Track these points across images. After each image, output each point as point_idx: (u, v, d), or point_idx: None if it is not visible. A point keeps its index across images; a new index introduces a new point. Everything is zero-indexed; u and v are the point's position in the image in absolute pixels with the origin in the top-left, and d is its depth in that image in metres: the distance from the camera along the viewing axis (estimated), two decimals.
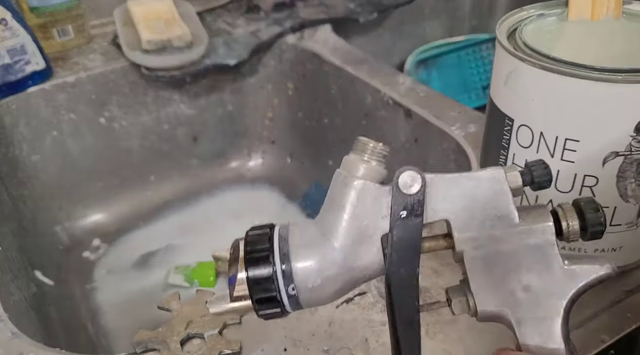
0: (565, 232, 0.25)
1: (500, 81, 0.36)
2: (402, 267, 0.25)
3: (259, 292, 0.25)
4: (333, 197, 0.26)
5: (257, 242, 0.26)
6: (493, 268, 0.25)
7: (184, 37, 0.71)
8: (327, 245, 0.25)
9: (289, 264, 0.25)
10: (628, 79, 0.31)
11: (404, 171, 0.25)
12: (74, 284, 0.68)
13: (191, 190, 0.81)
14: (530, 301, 0.24)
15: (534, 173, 0.26)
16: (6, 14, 0.63)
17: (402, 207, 0.25)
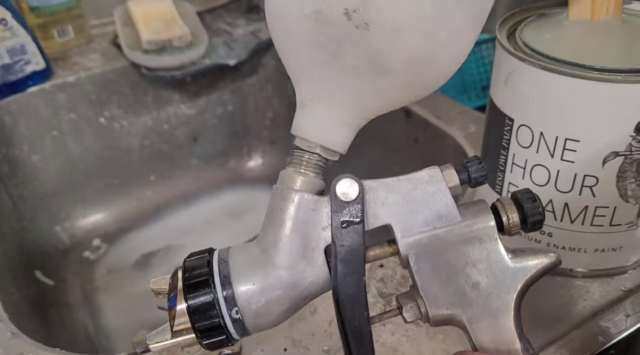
0: (506, 226, 0.25)
1: (500, 81, 0.36)
2: (348, 276, 0.24)
3: (201, 320, 0.23)
4: (272, 212, 0.25)
5: (195, 267, 0.24)
6: (440, 269, 0.25)
7: (184, 37, 0.71)
8: (270, 263, 0.24)
9: (230, 287, 0.24)
10: (628, 79, 0.31)
11: (340, 179, 0.24)
12: (74, 284, 0.68)
13: (191, 190, 0.81)
14: (480, 298, 0.24)
15: (469, 169, 0.26)
16: (6, 14, 0.63)
17: (341, 215, 0.24)
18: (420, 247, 0.25)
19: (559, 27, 0.38)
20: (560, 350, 0.34)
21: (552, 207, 0.37)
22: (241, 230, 0.73)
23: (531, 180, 0.37)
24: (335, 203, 0.24)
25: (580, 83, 0.32)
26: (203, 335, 0.24)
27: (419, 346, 0.35)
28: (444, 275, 0.25)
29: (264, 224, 0.26)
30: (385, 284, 0.40)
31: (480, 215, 0.25)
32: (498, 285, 0.25)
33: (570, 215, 0.36)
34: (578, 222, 0.36)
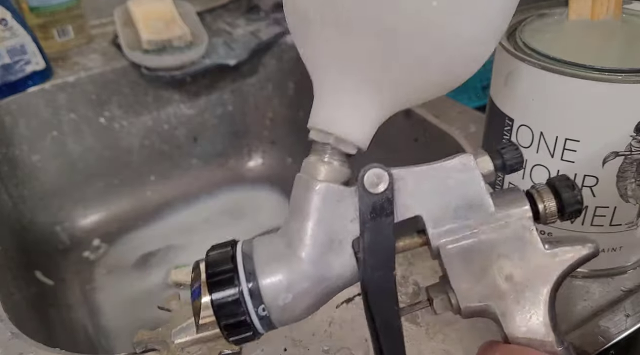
0: (542, 215, 0.24)
1: (500, 81, 0.36)
2: (378, 270, 0.23)
3: (227, 318, 0.23)
4: (296, 204, 0.24)
5: (218, 262, 0.24)
6: (472, 261, 0.24)
7: (184, 37, 0.71)
8: (295, 257, 0.23)
9: (256, 283, 0.23)
10: (628, 79, 0.31)
11: (368, 169, 0.23)
12: (74, 284, 0.68)
13: (191, 190, 0.81)
14: (514, 291, 0.24)
15: (505, 156, 0.25)
16: (6, 14, 0.63)
17: (370, 207, 0.23)
18: (451, 239, 0.24)
19: (559, 27, 0.38)
20: None
21: None
22: (241, 230, 0.73)
23: (531, 180, 0.37)
24: (363, 194, 0.23)
25: (580, 83, 0.32)
26: (229, 331, 0.23)
27: (419, 346, 0.35)
28: (477, 267, 0.24)
29: (288, 215, 0.24)
30: None
31: (515, 204, 0.24)
32: (533, 277, 0.24)
33: None
34: (578, 222, 0.36)
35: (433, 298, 0.25)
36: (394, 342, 0.24)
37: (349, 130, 0.24)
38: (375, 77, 0.23)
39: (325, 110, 0.24)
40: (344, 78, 0.24)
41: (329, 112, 0.24)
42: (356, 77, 0.23)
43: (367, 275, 0.23)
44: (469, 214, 0.24)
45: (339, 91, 0.24)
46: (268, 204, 0.80)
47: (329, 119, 0.24)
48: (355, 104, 0.24)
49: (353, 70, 0.23)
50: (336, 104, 0.24)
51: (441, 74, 0.24)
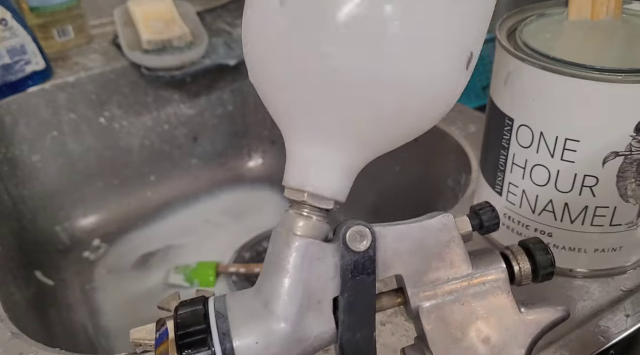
0: (517, 276, 0.25)
1: (500, 81, 0.36)
2: (358, 331, 0.22)
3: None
4: (273, 259, 0.23)
5: (190, 323, 0.22)
6: (451, 322, 0.24)
7: (184, 37, 0.71)
8: (271, 317, 0.22)
9: (230, 346, 0.21)
10: (628, 79, 0.31)
11: (351, 226, 0.22)
12: (74, 284, 0.68)
13: (191, 190, 0.81)
14: (491, 353, 0.24)
15: (482, 217, 0.25)
16: (6, 14, 0.63)
17: (352, 265, 0.22)
18: (430, 300, 0.24)
19: (559, 27, 0.38)
20: (561, 350, 0.34)
21: (552, 207, 0.37)
22: (241, 230, 0.73)
23: (531, 180, 0.37)
24: (345, 252, 0.22)
25: (580, 83, 0.32)
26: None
27: None
28: (455, 328, 0.24)
29: (264, 271, 0.23)
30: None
31: (492, 266, 0.24)
32: (509, 340, 0.24)
33: (570, 215, 0.36)
34: (578, 222, 0.36)
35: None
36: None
37: (323, 186, 0.23)
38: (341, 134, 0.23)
39: (296, 167, 0.24)
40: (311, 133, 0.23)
41: (300, 169, 0.23)
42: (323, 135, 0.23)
43: (346, 337, 0.22)
44: (448, 274, 0.24)
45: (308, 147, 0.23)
46: (268, 204, 0.80)
47: (301, 177, 0.23)
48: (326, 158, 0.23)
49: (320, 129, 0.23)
50: (307, 161, 0.23)
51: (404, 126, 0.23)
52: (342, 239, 0.22)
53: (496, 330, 0.24)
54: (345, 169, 0.24)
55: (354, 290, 0.22)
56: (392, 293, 0.25)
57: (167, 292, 0.43)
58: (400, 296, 0.24)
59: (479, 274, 0.24)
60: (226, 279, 0.68)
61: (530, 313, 0.24)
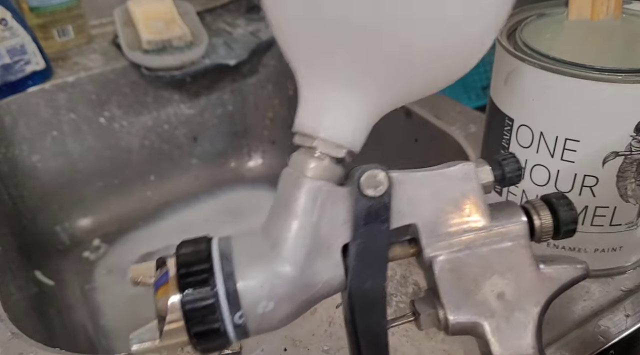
0: (537, 231, 0.23)
1: (500, 81, 0.36)
2: (368, 280, 0.21)
3: (199, 324, 0.20)
4: (282, 200, 0.22)
5: (193, 262, 0.21)
6: (465, 275, 0.23)
7: (184, 37, 0.71)
8: (279, 260, 0.21)
9: (234, 287, 0.20)
10: (628, 79, 0.31)
11: (366, 170, 0.21)
12: (74, 284, 0.68)
13: (191, 190, 0.81)
14: (505, 309, 0.23)
15: (505, 168, 0.24)
16: (6, 14, 0.63)
17: (365, 212, 0.21)
18: (445, 252, 0.23)
19: (559, 27, 0.38)
20: (561, 350, 0.34)
21: None
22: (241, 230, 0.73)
23: (531, 180, 0.37)
24: (358, 197, 0.21)
25: (580, 83, 0.32)
26: (199, 339, 0.21)
27: (419, 346, 0.35)
28: (469, 283, 0.23)
29: (272, 212, 0.22)
30: None
31: (512, 219, 0.23)
32: (524, 296, 0.23)
33: None
34: (578, 222, 0.36)
35: (420, 313, 0.24)
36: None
37: (338, 133, 0.22)
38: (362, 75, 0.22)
39: (310, 112, 0.22)
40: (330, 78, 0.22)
41: (314, 113, 0.22)
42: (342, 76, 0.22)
43: (355, 285, 0.21)
44: (465, 225, 0.23)
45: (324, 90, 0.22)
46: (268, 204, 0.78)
47: (315, 122, 0.22)
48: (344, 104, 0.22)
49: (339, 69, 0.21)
50: (322, 105, 0.22)
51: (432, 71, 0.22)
52: (357, 183, 0.21)
53: (512, 285, 0.23)
54: (362, 116, 0.22)
55: (366, 237, 0.21)
56: (406, 243, 0.23)
57: None
58: (414, 246, 0.23)
59: (498, 226, 0.23)
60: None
61: (548, 270, 0.23)
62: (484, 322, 0.23)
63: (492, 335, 0.23)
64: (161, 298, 0.21)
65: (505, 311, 0.23)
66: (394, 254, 0.23)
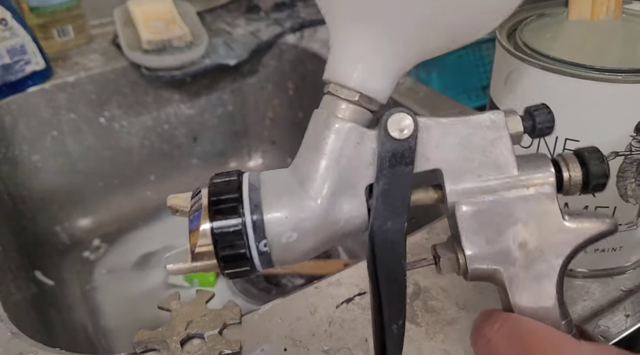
0: (566, 184, 0.23)
1: (500, 81, 0.36)
2: (389, 220, 0.22)
3: (226, 249, 0.22)
4: (311, 140, 0.23)
5: (223, 190, 0.22)
6: (487, 223, 0.23)
7: (184, 37, 0.71)
8: (305, 195, 0.22)
9: (260, 217, 0.22)
10: (628, 79, 0.31)
11: (393, 113, 0.22)
12: (74, 284, 0.68)
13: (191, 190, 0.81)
14: (526, 259, 0.23)
15: (536, 119, 0.24)
16: (6, 14, 0.63)
17: (390, 154, 0.22)
18: (469, 198, 0.23)
19: (559, 27, 0.38)
20: None
21: None
22: None
23: None
24: (384, 139, 0.22)
25: (580, 83, 0.32)
26: (226, 263, 0.22)
27: (419, 346, 0.35)
28: (491, 230, 0.23)
29: (302, 150, 0.23)
30: None
31: (540, 169, 0.23)
32: (547, 247, 0.23)
33: None
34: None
35: (440, 256, 0.24)
36: (396, 298, 0.23)
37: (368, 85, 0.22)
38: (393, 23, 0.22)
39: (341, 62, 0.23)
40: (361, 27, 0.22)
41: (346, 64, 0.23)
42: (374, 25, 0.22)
43: (376, 225, 0.22)
44: (490, 173, 0.23)
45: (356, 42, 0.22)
46: None
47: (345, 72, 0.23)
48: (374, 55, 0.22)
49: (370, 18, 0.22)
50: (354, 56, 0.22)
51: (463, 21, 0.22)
52: (383, 125, 0.22)
53: (535, 236, 0.23)
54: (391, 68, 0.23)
55: (390, 178, 0.22)
56: (430, 188, 0.24)
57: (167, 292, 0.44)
58: (438, 192, 0.23)
59: (525, 177, 0.23)
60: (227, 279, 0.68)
61: (574, 222, 0.23)
62: (503, 270, 0.23)
63: (511, 284, 0.23)
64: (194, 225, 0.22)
65: (526, 261, 0.23)
66: (417, 198, 0.23)
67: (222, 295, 0.64)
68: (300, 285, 0.65)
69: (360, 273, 0.40)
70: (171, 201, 0.24)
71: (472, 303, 0.37)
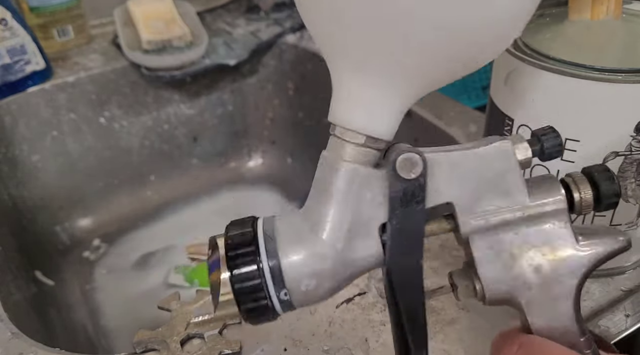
0: (577, 205, 0.23)
1: (500, 81, 0.36)
2: (404, 258, 0.22)
3: (247, 302, 0.22)
4: (319, 184, 0.23)
5: (240, 244, 0.23)
6: (502, 251, 0.23)
7: (184, 37, 0.71)
8: (319, 241, 0.22)
9: (278, 268, 0.22)
10: (628, 79, 0.31)
11: (401, 153, 0.22)
12: (74, 284, 0.68)
13: (191, 190, 0.81)
14: (542, 283, 0.23)
15: (544, 144, 0.24)
16: (6, 14, 0.63)
17: (401, 194, 0.22)
18: (482, 228, 0.23)
19: (559, 27, 0.38)
20: None
21: None
22: None
23: None
24: (394, 180, 0.22)
25: (580, 83, 0.32)
26: (249, 314, 0.23)
27: None
28: (506, 257, 0.23)
29: (311, 195, 0.23)
30: None
31: (550, 194, 0.23)
32: (562, 269, 0.23)
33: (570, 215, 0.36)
34: (578, 222, 0.36)
35: (457, 285, 0.24)
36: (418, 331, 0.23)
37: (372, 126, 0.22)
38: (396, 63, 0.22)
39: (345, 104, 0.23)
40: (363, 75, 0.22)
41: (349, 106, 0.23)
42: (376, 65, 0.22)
43: (393, 262, 0.22)
44: (502, 202, 0.23)
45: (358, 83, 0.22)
46: (268, 204, 0.80)
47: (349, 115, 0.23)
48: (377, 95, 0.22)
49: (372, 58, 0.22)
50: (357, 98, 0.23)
51: (465, 55, 0.23)
52: (392, 166, 0.22)
53: (549, 260, 0.23)
54: (395, 106, 0.23)
55: (403, 218, 0.22)
56: (442, 219, 0.24)
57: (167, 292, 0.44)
58: (451, 223, 0.24)
59: (536, 203, 0.23)
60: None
61: (587, 244, 0.23)
62: (520, 294, 0.23)
63: (528, 306, 0.23)
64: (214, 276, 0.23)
65: (542, 284, 0.23)
66: (431, 230, 0.24)
67: None
68: None
69: None
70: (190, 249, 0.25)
71: (472, 303, 0.37)
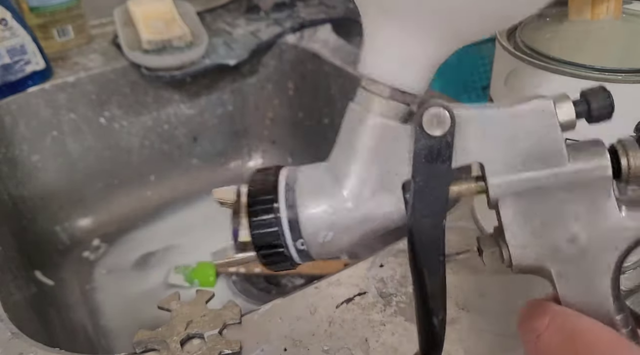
0: (624, 173, 0.21)
1: (500, 81, 0.36)
2: (427, 217, 0.21)
3: (265, 248, 0.22)
4: (345, 137, 0.22)
5: (260, 191, 0.22)
6: (534, 216, 0.21)
7: (184, 37, 0.71)
8: (340, 193, 0.22)
9: (296, 218, 0.22)
10: (628, 79, 0.31)
11: (428, 107, 0.21)
12: (74, 284, 0.68)
13: (191, 190, 0.81)
14: (577, 255, 0.21)
15: (591, 104, 0.22)
16: (6, 14, 0.63)
17: (426, 151, 0.21)
18: (513, 191, 0.21)
19: (559, 27, 0.38)
20: None
21: None
22: None
23: None
24: (419, 136, 0.21)
25: (580, 83, 0.32)
26: (267, 259, 0.23)
27: None
28: (538, 225, 0.21)
29: (336, 147, 0.23)
30: (385, 284, 0.40)
31: (593, 159, 0.21)
32: (601, 242, 0.21)
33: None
34: None
35: (483, 250, 0.23)
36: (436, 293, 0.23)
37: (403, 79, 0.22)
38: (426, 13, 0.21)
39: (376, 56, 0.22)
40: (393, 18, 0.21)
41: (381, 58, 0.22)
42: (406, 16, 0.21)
43: (414, 221, 0.22)
44: (538, 165, 0.21)
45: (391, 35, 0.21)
46: None
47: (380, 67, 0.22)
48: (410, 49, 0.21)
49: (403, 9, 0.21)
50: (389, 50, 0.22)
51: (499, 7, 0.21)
52: (417, 121, 0.21)
53: (587, 230, 0.21)
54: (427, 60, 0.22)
55: (426, 176, 0.21)
56: (472, 180, 0.22)
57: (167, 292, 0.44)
58: (480, 185, 0.22)
59: (576, 168, 0.21)
60: (226, 279, 0.68)
61: (632, 215, 0.21)
62: (551, 266, 0.22)
63: (559, 278, 0.22)
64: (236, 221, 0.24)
65: (576, 256, 0.21)
66: (459, 191, 0.22)
67: (222, 295, 0.64)
68: (300, 285, 0.65)
69: (360, 273, 0.40)
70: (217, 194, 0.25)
71: (472, 303, 0.37)
